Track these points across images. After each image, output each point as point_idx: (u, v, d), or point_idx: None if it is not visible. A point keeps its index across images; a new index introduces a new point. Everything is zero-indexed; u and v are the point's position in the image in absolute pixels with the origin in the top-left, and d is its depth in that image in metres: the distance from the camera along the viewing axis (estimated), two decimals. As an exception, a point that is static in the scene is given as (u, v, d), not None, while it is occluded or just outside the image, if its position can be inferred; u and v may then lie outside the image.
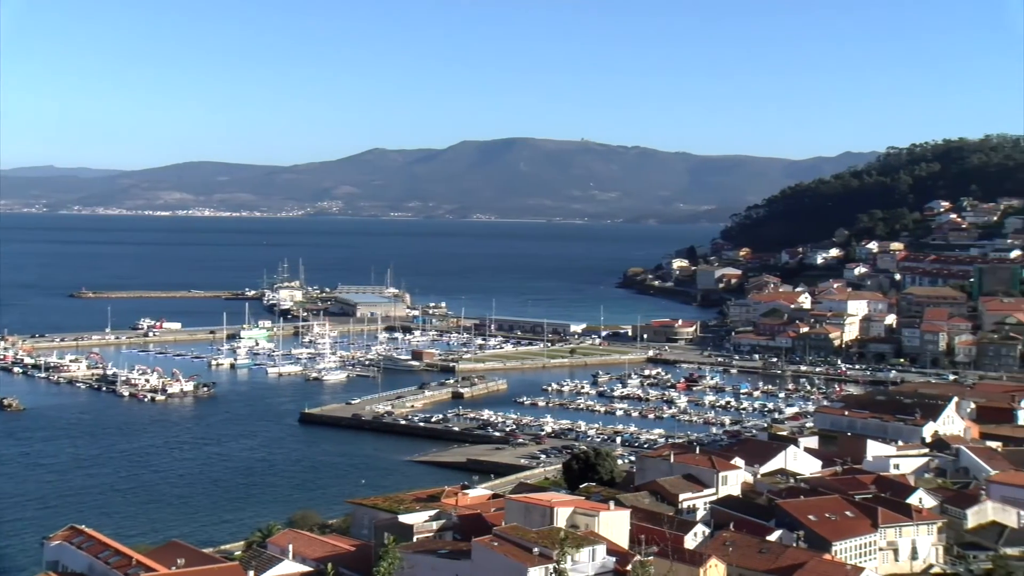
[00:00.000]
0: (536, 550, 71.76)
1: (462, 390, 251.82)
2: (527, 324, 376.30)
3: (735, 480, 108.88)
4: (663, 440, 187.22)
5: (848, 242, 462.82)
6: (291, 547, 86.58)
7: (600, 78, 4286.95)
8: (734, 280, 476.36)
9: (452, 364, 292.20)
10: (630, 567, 71.48)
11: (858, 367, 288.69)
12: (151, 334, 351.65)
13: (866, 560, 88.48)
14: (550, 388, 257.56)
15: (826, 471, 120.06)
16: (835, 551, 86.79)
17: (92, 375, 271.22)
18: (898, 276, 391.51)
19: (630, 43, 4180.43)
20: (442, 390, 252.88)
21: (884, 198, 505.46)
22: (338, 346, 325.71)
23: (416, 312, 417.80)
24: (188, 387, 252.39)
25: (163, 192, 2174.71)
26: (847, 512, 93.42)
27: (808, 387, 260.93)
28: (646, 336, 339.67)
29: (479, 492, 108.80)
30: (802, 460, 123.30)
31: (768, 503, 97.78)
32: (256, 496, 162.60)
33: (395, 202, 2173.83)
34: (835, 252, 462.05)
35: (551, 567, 67.12)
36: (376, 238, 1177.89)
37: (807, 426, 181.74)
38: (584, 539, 74.92)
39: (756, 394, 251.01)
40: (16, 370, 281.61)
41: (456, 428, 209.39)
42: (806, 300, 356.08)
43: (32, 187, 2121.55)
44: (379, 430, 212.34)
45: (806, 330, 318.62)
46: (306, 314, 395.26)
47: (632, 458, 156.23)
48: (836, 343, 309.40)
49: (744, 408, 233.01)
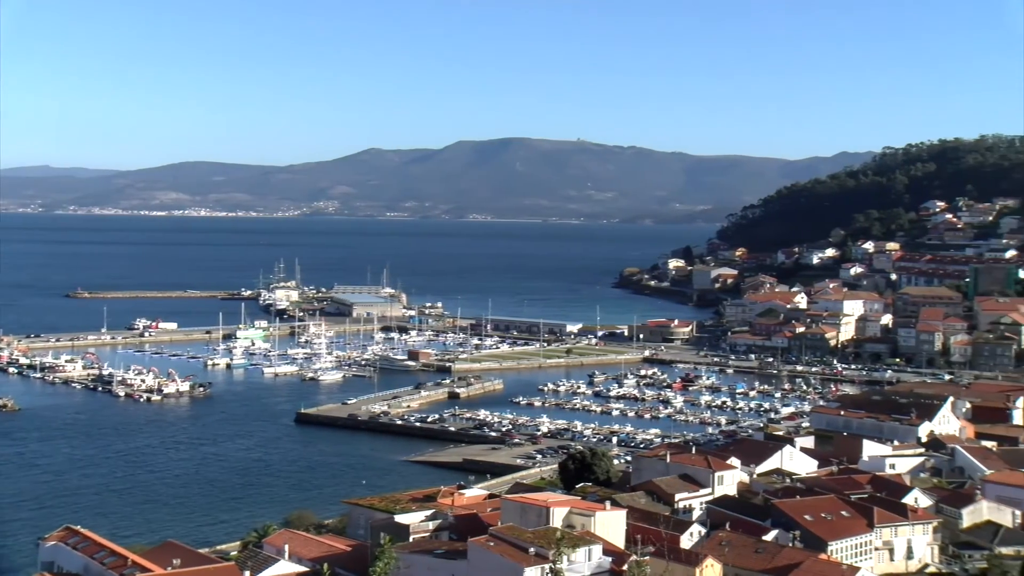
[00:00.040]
0: (532, 550, 71.78)
1: (458, 390, 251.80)
2: (523, 324, 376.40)
3: (731, 480, 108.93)
4: (659, 440, 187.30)
5: (844, 242, 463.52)
6: (287, 547, 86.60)
7: (596, 78, 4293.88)
8: (730, 280, 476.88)
9: (448, 364, 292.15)
10: (626, 567, 71.54)
11: (854, 367, 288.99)
12: (147, 334, 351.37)
13: (862, 560, 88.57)
14: (546, 388, 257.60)
15: (822, 471, 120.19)
16: (831, 551, 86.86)
17: (88, 375, 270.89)
18: (894, 276, 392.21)
19: (626, 43, 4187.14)
20: (438, 390, 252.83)
21: (880, 198, 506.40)
22: (334, 346, 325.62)
23: (412, 312, 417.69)
24: (184, 387, 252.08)
25: (159, 192, 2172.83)
26: (843, 512, 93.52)
27: (804, 387, 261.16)
28: (642, 336, 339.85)
29: (475, 492, 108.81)
30: (798, 460, 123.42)
31: (764, 503, 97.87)
32: (252, 496, 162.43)
33: (391, 202, 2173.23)
34: (831, 252, 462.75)
35: (547, 567, 67.14)
36: (372, 238, 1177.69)
37: (803, 426, 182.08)
38: (580, 539, 74.96)
39: (752, 394, 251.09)
40: (11, 370, 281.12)
41: (452, 428, 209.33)
42: (802, 300, 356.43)
43: (28, 187, 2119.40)
44: (375, 430, 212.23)
45: (802, 330, 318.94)
46: (302, 314, 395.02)
47: (628, 458, 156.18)
48: (832, 343, 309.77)
49: (740, 408, 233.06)
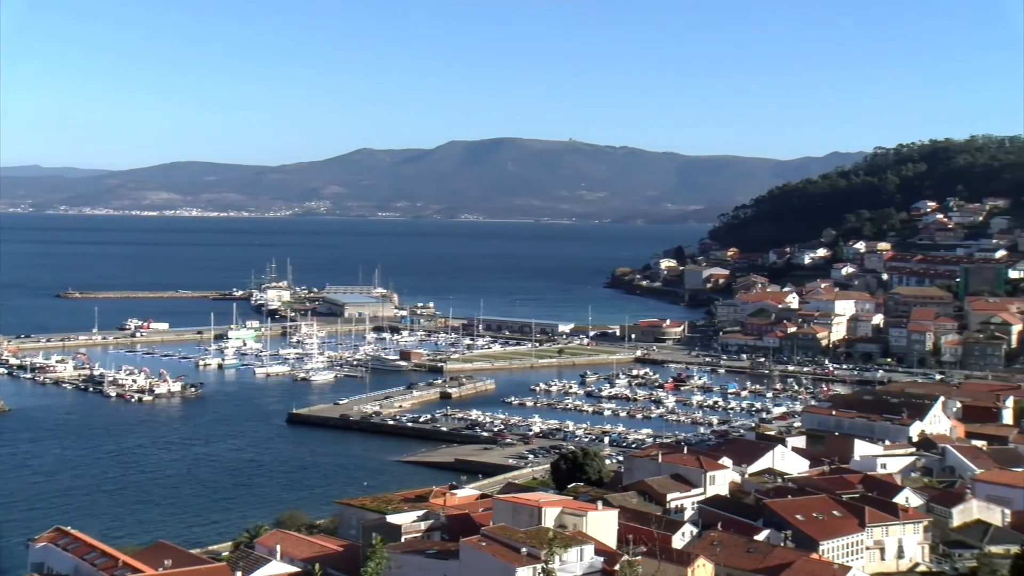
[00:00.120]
0: (524, 550, 71.84)
1: (450, 390, 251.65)
2: (515, 324, 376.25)
3: (723, 480, 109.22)
4: (651, 440, 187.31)
5: (835, 242, 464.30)
6: (279, 548, 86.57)
7: (588, 78, 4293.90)
8: (722, 280, 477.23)
9: (440, 364, 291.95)
10: (618, 567, 71.62)
11: (845, 367, 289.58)
12: (138, 334, 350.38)
13: (853, 559, 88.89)
14: (538, 388, 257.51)
15: (813, 471, 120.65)
16: (822, 550, 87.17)
17: (79, 376, 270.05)
18: (885, 276, 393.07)
19: (618, 43, 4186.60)
20: (430, 390, 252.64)
21: (871, 198, 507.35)
22: (326, 346, 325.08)
23: (404, 312, 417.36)
24: (176, 387, 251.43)
25: (150, 192, 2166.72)
26: (834, 511, 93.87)
27: (796, 387, 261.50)
28: (634, 336, 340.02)
29: (467, 492, 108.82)
30: (789, 460, 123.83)
31: (756, 503, 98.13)
32: (244, 497, 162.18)
33: (383, 202, 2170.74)
34: (822, 252, 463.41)
35: (539, 567, 67.18)
36: (364, 238, 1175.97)
37: (795, 426, 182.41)
38: (572, 539, 75.05)
39: (744, 394, 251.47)
40: (1, 371, 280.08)
41: (444, 428, 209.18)
42: (794, 300, 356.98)
43: (18, 187, 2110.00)
44: (367, 430, 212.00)
45: (794, 330, 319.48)
46: (294, 314, 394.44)
47: (620, 458, 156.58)
48: (823, 343, 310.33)
49: (732, 408, 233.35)
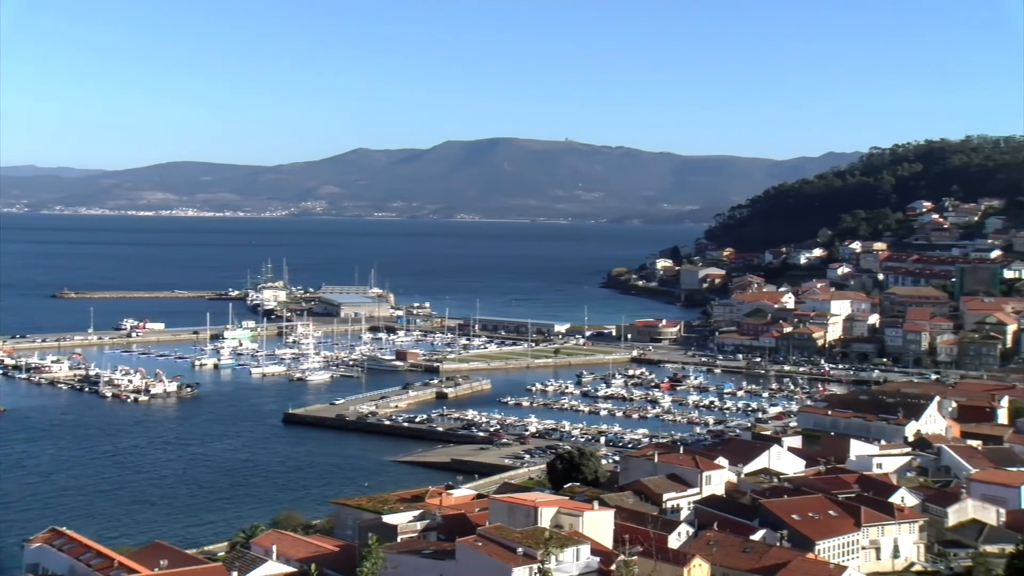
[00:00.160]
0: (520, 550, 71.83)
1: (446, 390, 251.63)
2: (511, 324, 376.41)
3: (719, 480, 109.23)
4: (647, 440, 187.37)
5: (831, 242, 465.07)
6: (275, 548, 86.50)
7: (584, 78, 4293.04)
8: (718, 280, 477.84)
9: (436, 364, 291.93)
10: (614, 567, 71.67)
11: (841, 367, 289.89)
12: (134, 334, 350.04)
13: (849, 559, 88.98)
14: (534, 388, 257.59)
15: (809, 470, 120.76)
16: (818, 550, 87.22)
17: (74, 376, 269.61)
18: (881, 276, 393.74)
19: (614, 44, 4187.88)
20: (426, 390, 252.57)
21: (867, 198, 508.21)
22: (322, 346, 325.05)
23: (400, 312, 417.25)
24: (171, 388, 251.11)
25: (146, 192, 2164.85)
26: (830, 511, 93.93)
27: (791, 387, 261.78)
28: (630, 336, 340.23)
29: (463, 492, 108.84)
30: (785, 460, 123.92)
31: (752, 503, 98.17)
32: (240, 497, 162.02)
33: (379, 202, 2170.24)
34: (818, 252, 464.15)
35: (535, 567, 67.21)
36: (360, 238, 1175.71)
37: (790, 426, 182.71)
38: (568, 539, 75.06)
39: (740, 394, 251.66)
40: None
41: (440, 428, 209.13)
42: (789, 300, 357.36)
43: (13, 187, 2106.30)
44: (363, 430, 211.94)
45: (789, 330, 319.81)
46: (290, 314, 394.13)
47: (616, 458, 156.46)
48: (819, 343, 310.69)
49: (728, 408, 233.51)
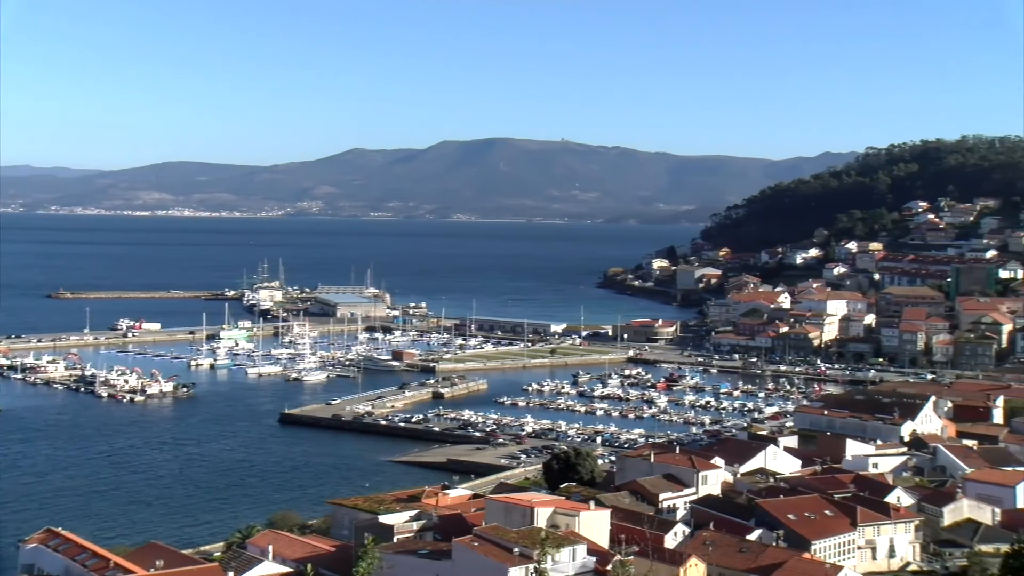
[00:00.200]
0: (516, 550, 71.84)
1: (442, 390, 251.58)
2: (507, 324, 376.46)
3: (715, 480, 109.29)
4: (643, 440, 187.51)
5: (827, 242, 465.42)
6: (271, 548, 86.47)
7: (580, 78, 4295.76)
8: (714, 280, 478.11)
9: (432, 364, 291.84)
10: (610, 567, 71.70)
11: (837, 367, 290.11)
12: (130, 334, 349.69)
13: (845, 559, 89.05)
14: (530, 388, 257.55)
15: (805, 470, 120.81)
16: (814, 550, 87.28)
17: (70, 376, 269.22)
18: (877, 276, 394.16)
19: (611, 44, 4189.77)
20: (422, 390, 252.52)
21: (863, 198, 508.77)
22: (318, 346, 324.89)
23: (396, 312, 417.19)
24: (167, 388, 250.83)
25: (142, 192, 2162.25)
26: (826, 511, 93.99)
27: (788, 387, 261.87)
28: (626, 336, 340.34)
29: (459, 492, 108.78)
30: (782, 459, 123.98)
31: (748, 502, 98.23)
32: (236, 497, 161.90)
33: (375, 202, 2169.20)
34: (814, 252, 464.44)
35: (531, 567, 67.17)
36: (356, 238, 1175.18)
37: (787, 426, 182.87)
38: (564, 539, 75.08)
39: (736, 394, 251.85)
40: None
41: (436, 428, 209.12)
42: (786, 300, 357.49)
43: (8, 187, 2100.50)
44: (359, 430, 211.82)
45: (786, 330, 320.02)
46: (286, 314, 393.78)
47: (612, 458, 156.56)
48: (815, 343, 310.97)
49: (724, 408, 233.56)
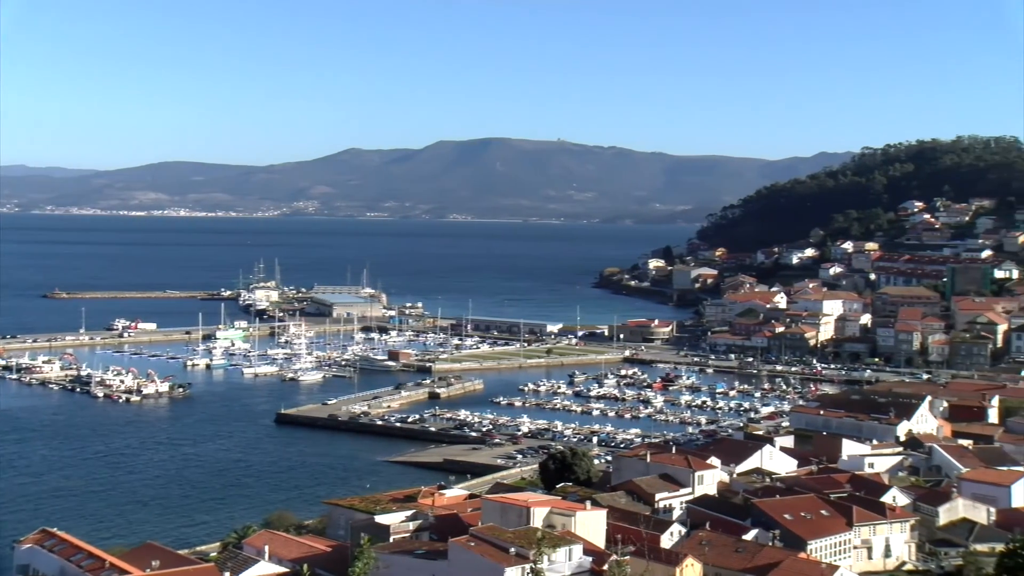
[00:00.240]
0: (513, 550, 71.89)
1: (438, 390, 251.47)
2: (503, 324, 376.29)
3: (711, 480, 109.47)
4: (639, 440, 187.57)
5: (823, 242, 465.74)
6: (267, 548, 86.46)
7: (576, 78, 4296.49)
8: (710, 280, 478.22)
9: (428, 364, 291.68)
10: (607, 567, 71.81)
11: (833, 366, 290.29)
12: (126, 335, 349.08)
13: (841, 559, 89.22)
14: (526, 388, 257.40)
15: (801, 470, 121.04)
16: (810, 550, 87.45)
17: (65, 376, 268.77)
18: (873, 276, 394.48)
19: (607, 44, 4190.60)
20: (418, 390, 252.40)
21: (859, 198, 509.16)
22: (314, 346, 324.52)
23: (392, 312, 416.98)
24: (163, 388, 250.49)
25: (138, 192, 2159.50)
26: (822, 511, 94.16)
27: (784, 387, 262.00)
28: (622, 336, 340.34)
29: (456, 492, 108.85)
30: (778, 459, 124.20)
31: (744, 502, 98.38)
32: (232, 497, 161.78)
33: (371, 202, 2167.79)
34: (810, 252, 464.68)
35: (528, 567, 67.23)
36: (352, 238, 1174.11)
37: (783, 425, 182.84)
38: (561, 539, 75.15)
39: (732, 394, 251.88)
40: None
41: (432, 428, 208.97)
42: (782, 300, 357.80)
43: (3, 186, 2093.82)
44: (355, 430, 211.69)
45: (782, 330, 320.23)
46: (282, 314, 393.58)
47: (608, 458, 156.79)
48: (811, 343, 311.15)
49: (720, 408, 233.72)
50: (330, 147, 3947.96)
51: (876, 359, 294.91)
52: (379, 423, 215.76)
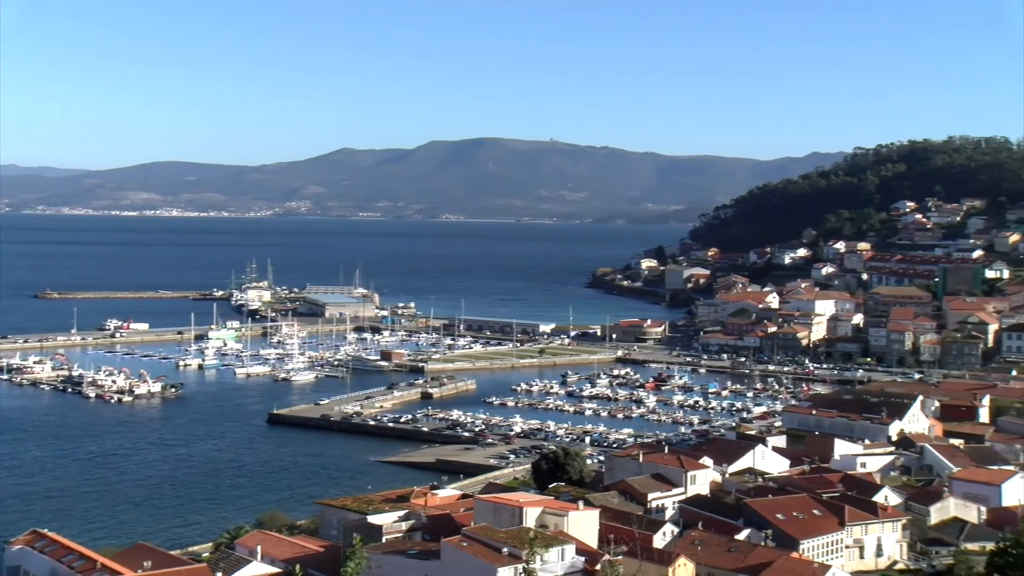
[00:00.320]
0: (505, 550, 71.89)
1: (431, 390, 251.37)
2: (496, 324, 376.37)
3: (704, 479, 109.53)
4: (632, 440, 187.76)
5: (815, 242, 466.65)
6: (259, 548, 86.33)
7: (569, 78, 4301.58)
8: (702, 280, 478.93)
9: (421, 364, 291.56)
10: (599, 567, 71.81)
11: (825, 366, 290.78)
12: (118, 335, 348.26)
13: (833, 558, 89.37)
14: (519, 388, 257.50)
15: (794, 470, 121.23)
16: (802, 549, 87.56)
17: (57, 376, 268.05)
18: (865, 276, 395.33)
19: (600, 44, 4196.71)
20: (411, 390, 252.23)
21: (851, 198, 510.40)
22: (307, 346, 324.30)
23: (385, 312, 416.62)
24: (155, 388, 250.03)
25: (130, 192, 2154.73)
26: (814, 511, 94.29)
27: (776, 386, 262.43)
28: (615, 336, 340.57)
29: (448, 492, 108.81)
30: (770, 459, 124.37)
31: (736, 502, 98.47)
32: (224, 497, 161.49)
33: (364, 202, 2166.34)
34: (803, 252, 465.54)
35: (520, 567, 67.21)
36: (345, 238, 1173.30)
37: (775, 425, 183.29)
38: (553, 539, 75.16)
39: (724, 393, 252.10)
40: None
41: (425, 428, 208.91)
42: (774, 300, 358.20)
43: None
44: (348, 431, 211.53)
45: (774, 330, 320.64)
46: (274, 314, 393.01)
47: (601, 458, 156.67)
48: (804, 343, 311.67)
49: (712, 407, 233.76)
50: (322, 147, 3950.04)
51: (868, 359, 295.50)
52: (372, 423, 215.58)
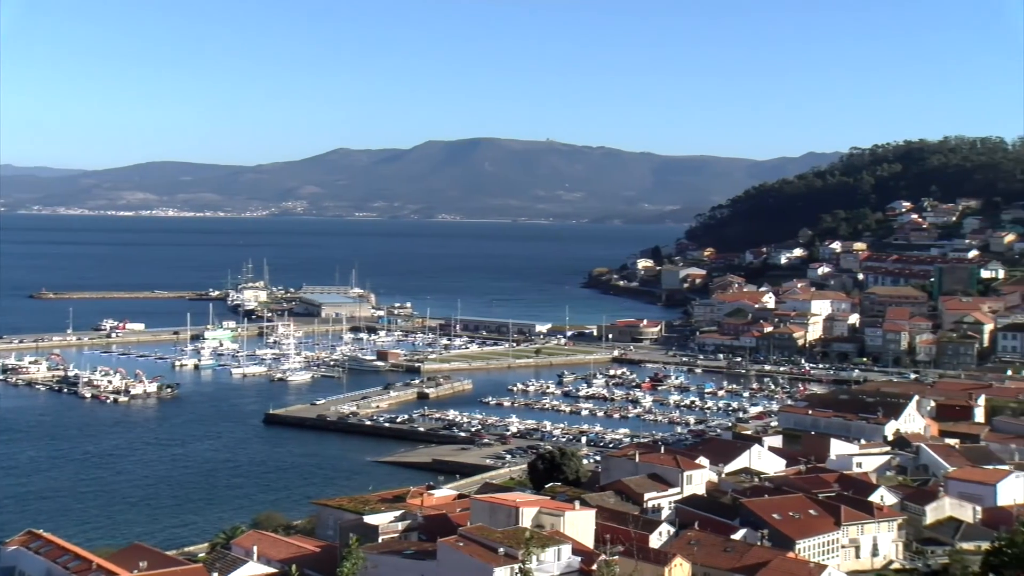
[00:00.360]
0: (501, 550, 71.92)
1: (427, 390, 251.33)
2: (492, 324, 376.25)
3: (700, 479, 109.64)
4: (628, 440, 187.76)
5: (812, 242, 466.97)
6: (256, 548, 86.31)
7: (565, 78, 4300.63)
8: (698, 280, 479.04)
9: (417, 364, 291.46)
10: (595, 566, 71.86)
11: (821, 366, 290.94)
12: (114, 335, 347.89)
13: (829, 558, 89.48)
14: (515, 388, 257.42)
15: (790, 470, 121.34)
16: (798, 549, 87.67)
17: (53, 377, 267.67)
18: (861, 276, 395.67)
19: (596, 44, 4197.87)
20: (407, 390, 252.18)
21: (847, 198, 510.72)
22: (303, 346, 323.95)
23: (381, 312, 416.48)
24: (151, 388, 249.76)
25: (126, 192, 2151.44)
26: (810, 511, 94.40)
27: (772, 386, 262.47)
28: (611, 336, 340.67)
29: (444, 492, 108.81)
30: (766, 459, 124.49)
31: (732, 502, 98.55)
32: (220, 497, 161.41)
33: (360, 202, 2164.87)
34: (799, 252, 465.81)
35: (516, 567, 67.24)
36: (341, 238, 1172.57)
37: (771, 425, 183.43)
38: (549, 539, 75.19)
39: (720, 393, 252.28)
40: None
41: (421, 428, 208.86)
42: (770, 300, 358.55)
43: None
44: (344, 431, 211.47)
45: (770, 330, 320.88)
46: (270, 314, 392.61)
47: (597, 458, 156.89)
48: (800, 342, 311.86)
49: (709, 407, 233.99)
50: (318, 147, 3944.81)
51: (864, 359, 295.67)
52: (368, 423, 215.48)
